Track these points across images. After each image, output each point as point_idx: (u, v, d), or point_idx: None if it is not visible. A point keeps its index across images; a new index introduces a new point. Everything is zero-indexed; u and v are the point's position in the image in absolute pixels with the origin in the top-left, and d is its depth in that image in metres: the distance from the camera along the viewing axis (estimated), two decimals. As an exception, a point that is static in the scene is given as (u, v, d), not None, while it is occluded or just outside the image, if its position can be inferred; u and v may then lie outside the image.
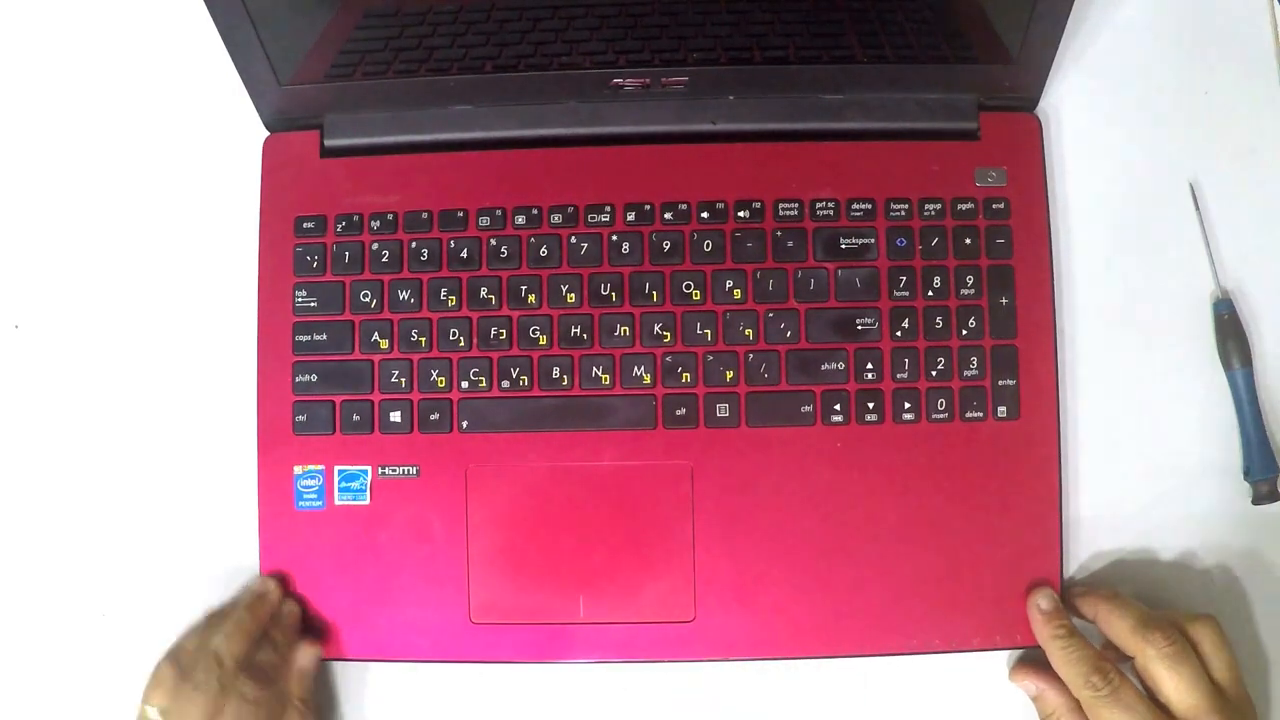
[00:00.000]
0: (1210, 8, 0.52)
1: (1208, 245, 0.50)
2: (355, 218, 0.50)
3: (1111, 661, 0.43)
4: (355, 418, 0.48)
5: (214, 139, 0.52)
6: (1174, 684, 0.42)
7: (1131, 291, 0.50)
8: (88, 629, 0.50)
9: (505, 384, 0.48)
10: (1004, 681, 0.48)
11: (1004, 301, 0.48)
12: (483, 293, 0.49)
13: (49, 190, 0.53)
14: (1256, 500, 0.49)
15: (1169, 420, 0.50)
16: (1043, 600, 0.46)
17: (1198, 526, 0.49)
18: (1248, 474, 0.49)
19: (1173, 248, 0.50)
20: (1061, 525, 0.47)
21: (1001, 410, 0.48)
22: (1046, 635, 0.45)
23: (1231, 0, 0.52)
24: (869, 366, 0.48)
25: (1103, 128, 0.51)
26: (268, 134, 0.51)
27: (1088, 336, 0.50)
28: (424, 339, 0.49)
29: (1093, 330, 0.50)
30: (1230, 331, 0.49)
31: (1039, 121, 0.50)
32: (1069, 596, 0.47)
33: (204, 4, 0.44)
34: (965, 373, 0.48)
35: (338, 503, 0.48)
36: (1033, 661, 0.47)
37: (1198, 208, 0.50)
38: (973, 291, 0.48)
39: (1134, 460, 0.49)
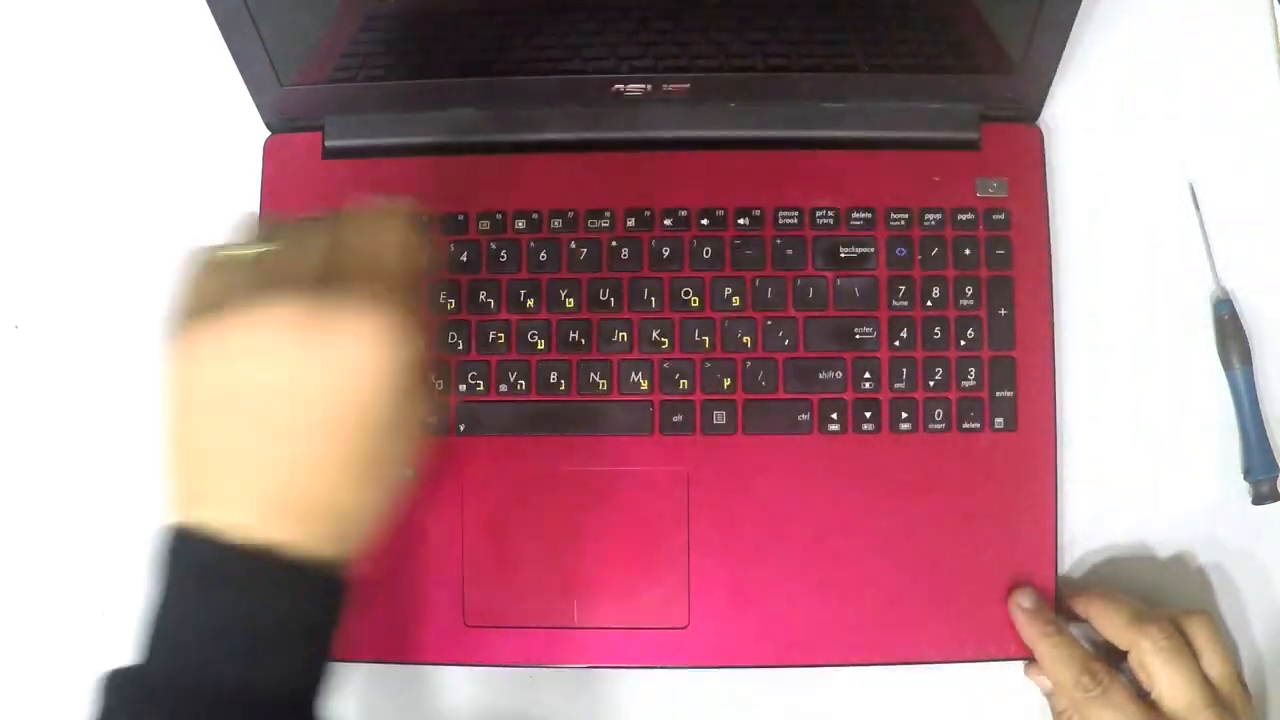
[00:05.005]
0: (1210, 8, 0.52)
1: (1208, 245, 0.50)
2: (356, 220, 0.50)
3: (1102, 661, 0.44)
4: (353, 419, 0.48)
5: (215, 140, 0.52)
6: (1168, 679, 0.42)
7: (1132, 294, 0.50)
8: (87, 629, 0.50)
9: (503, 388, 0.48)
10: (999, 692, 0.48)
11: (1003, 313, 0.48)
12: (481, 296, 0.49)
13: (49, 190, 0.53)
14: (1256, 500, 0.49)
15: (1169, 421, 0.50)
16: (1024, 600, 0.46)
17: (1197, 526, 0.49)
18: (1248, 474, 0.49)
19: (1173, 248, 0.50)
20: (1057, 535, 0.47)
21: (999, 421, 0.48)
22: (1033, 634, 0.45)
23: (1231, 0, 0.52)
24: (866, 376, 0.48)
25: (1104, 138, 0.51)
26: (269, 135, 0.51)
27: (1087, 342, 0.50)
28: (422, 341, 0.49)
29: (1092, 335, 0.50)
30: (1230, 331, 0.49)
31: (1041, 133, 0.50)
32: (1062, 599, 0.47)
33: (205, 4, 0.44)
34: (963, 383, 0.48)
35: (335, 504, 0.48)
36: None
37: (1198, 208, 0.50)
38: (971, 302, 0.48)
39: (1133, 460, 0.49)
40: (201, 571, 0.33)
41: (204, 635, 0.33)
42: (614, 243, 0.49)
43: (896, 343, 0.48)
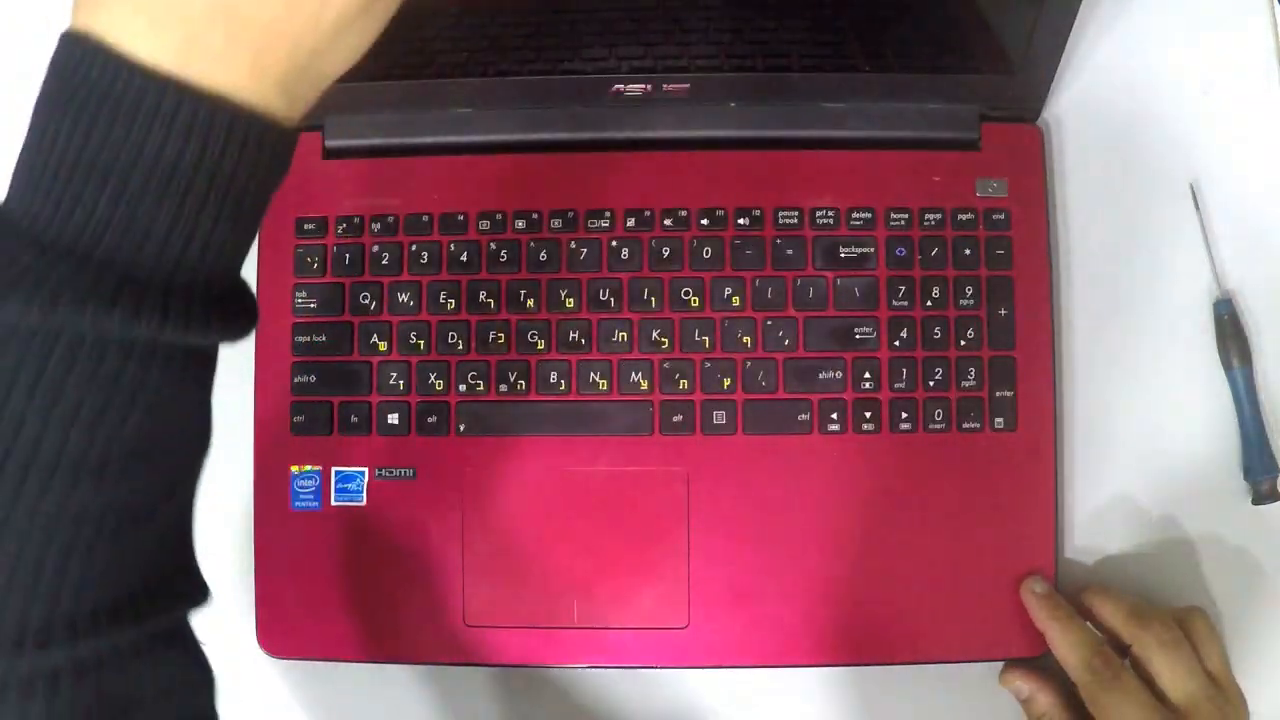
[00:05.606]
0: (1210, 8, 0.52)
1: (1208, 245, 0.50)
2: (356, 220, 0.50)
3: (1111, 648, 0.44)
4: (353, 419, 0.49)
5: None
6: (1171, 671, 0.43)
7: (1131, 295, 0.50)
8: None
9: (503, 388, 0.48)
10: (997, 694, 0.48)
11: (1003, 313, 0.48)
12: (482, 296, 0.49)
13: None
14: (1256, 500, 0.49)
15: (1169, 421, 0.50)
16: (1036, 585, 0.46)
17: (1197, 526, 0.49)
18: (1248, 474, 0.49)
19: (1173, 248, 0.50)
20: (1057, 535, 0.48)
21: (999, 421, 0.48)
22: (1045, 617, 0.45)
23: (1231, 0, 0.52)
24: (866, 376, 0.48)
25: (1104, 138, 0.51)
26: (269, 134, 0.51)
27: (1087, 342, 0.50)
28: (423, 341, 0.49)
29: (1092, 335, 0.50)
30: (1230, 331, 0.49)
31: (1041, 132, 0.50)
32: (1063, 596, 0.47)
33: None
34: (963, 383, 0.48)
35: (334, 503, 0.48)
36: (1022, 664, 0.47)
37: (1198, 208, 0.50)
38: (971, 302, 0.48)
39: (1133, 461, 0.49)
40: (90, 94, 0.26)
41: (82, 174, 0.26)
42: (614, 243, 0.49)
43: (896, 343, 0.48)
